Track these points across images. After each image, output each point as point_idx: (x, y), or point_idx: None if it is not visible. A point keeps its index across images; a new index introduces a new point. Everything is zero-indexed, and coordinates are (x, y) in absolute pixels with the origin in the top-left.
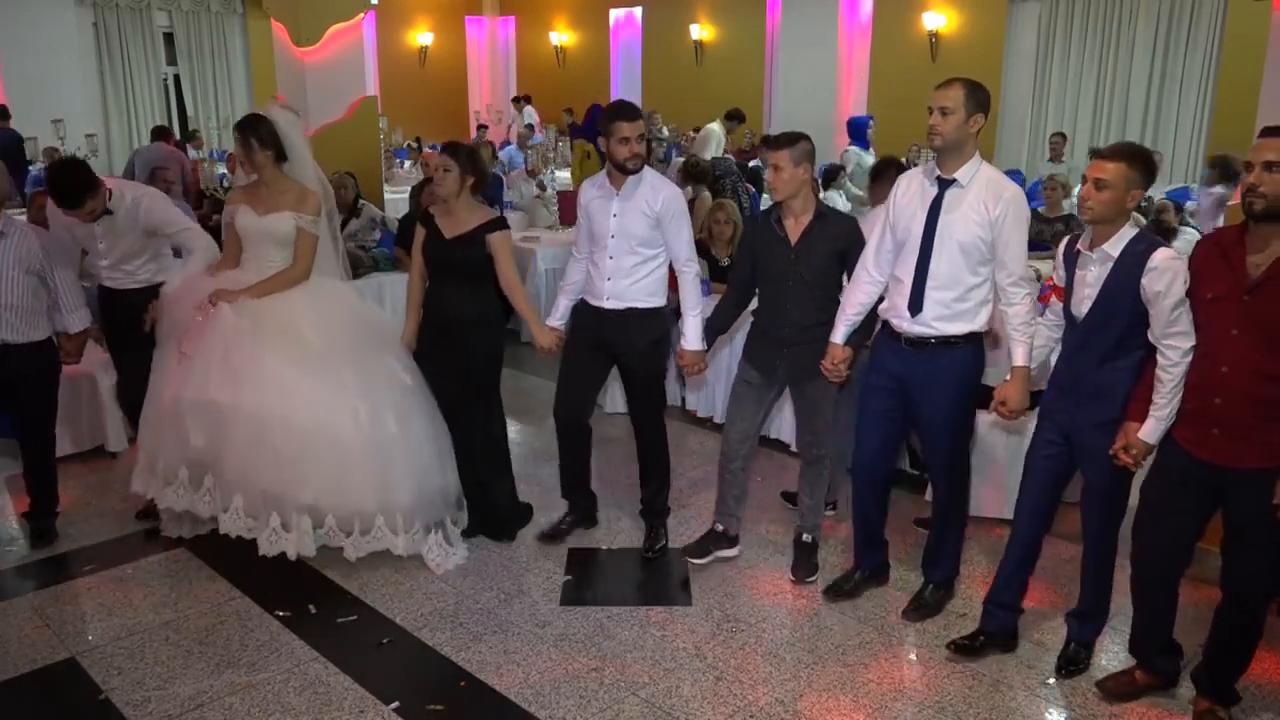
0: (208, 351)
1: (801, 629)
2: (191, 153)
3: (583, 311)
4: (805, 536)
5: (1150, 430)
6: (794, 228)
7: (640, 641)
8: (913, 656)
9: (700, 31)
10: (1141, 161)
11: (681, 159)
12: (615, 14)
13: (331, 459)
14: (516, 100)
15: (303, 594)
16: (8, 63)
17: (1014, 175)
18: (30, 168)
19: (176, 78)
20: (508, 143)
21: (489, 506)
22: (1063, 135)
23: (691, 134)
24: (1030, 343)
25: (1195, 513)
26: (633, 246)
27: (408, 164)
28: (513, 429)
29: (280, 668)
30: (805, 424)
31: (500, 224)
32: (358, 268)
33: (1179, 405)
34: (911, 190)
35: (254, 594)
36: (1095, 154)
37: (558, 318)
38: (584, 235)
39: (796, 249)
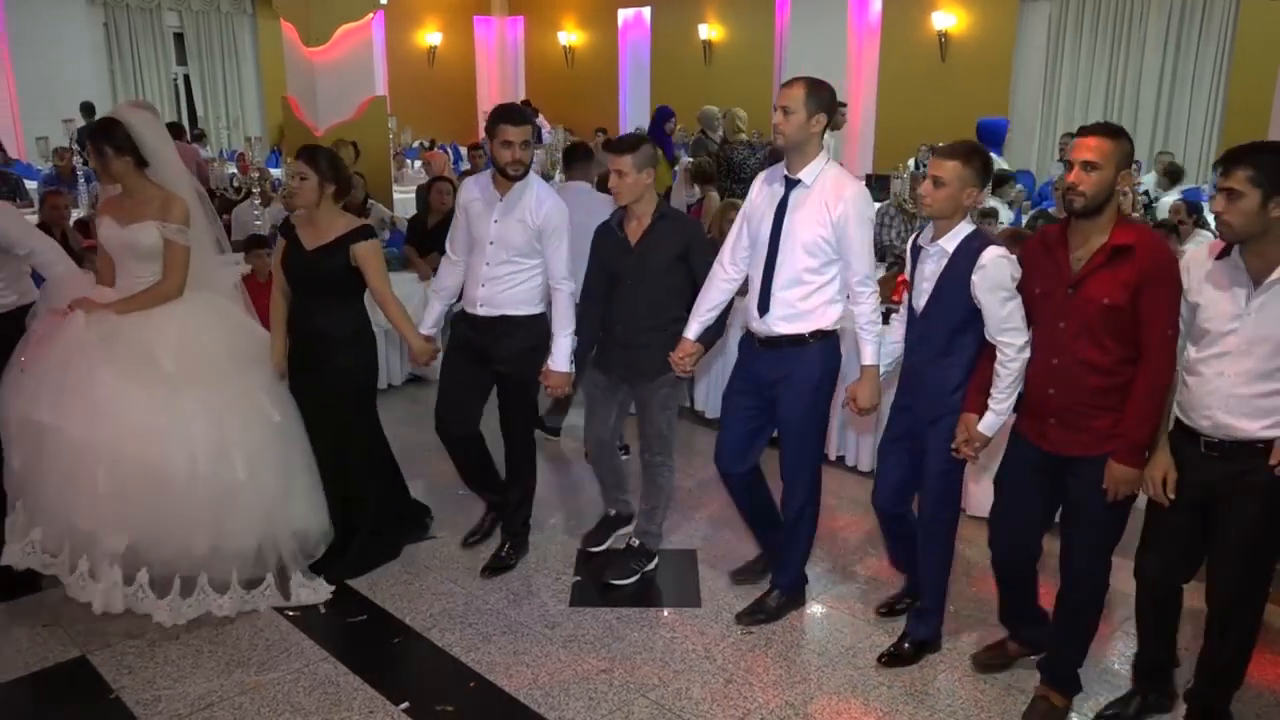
0: (45, 365)
1: (812, 631)
2: (203, 152)
3: (457, 319)
4: (634, 540)
5: (989, 423)
6: (635, 230)
7: (650, 643)
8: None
9: (709, 31)
10: (978, 159)
11: (690, 160)
12: (624, 14)
13: (155, 501)
14: (525, 103)
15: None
16: (19, 62)
17: (1024, 176)
18: (39, 169)
19: (186, 78)
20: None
21: (368, 523)
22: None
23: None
24: (878, 341)
25: (1042, 500)
26: (510, 256)
27: (416, 164)
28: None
29: (290, 667)
30: (642, 430)
31: (366, 233)
32: None
33: (1019, 399)
34: (764, 191)
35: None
36: (934, 151)
37: (430, 325)
38: (461, 237)
39: (636, 250)
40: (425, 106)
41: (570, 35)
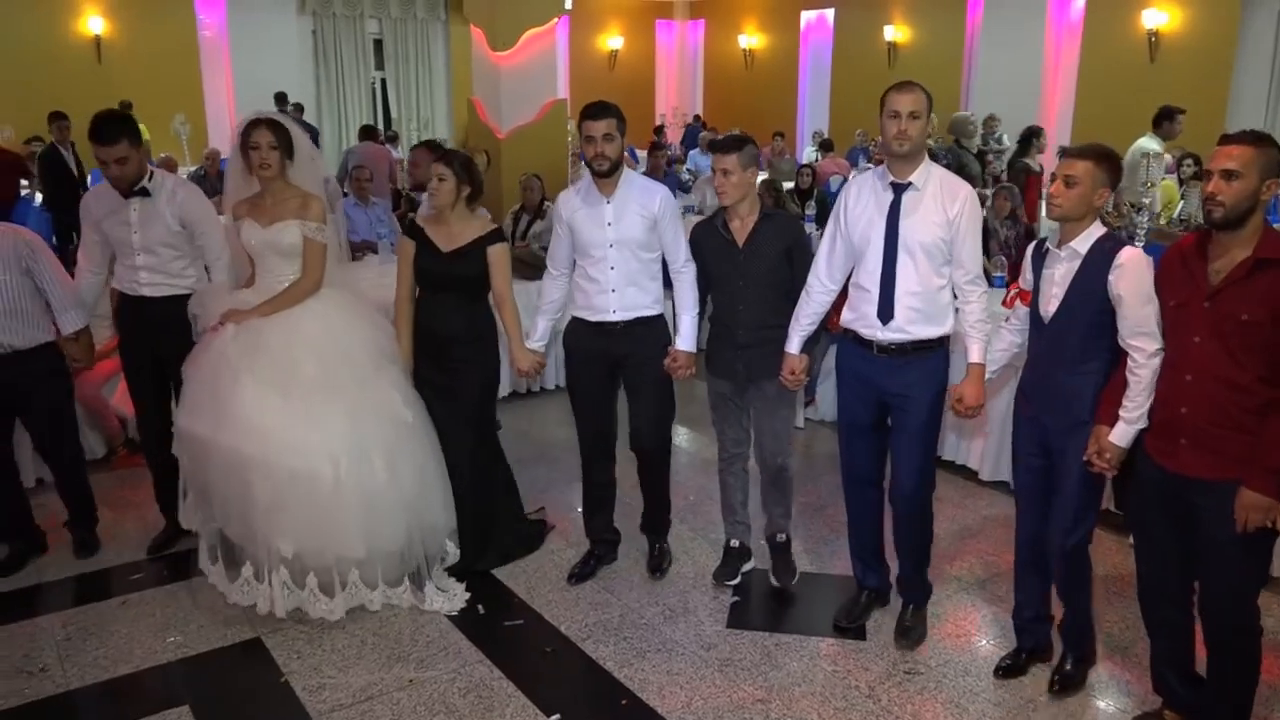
0: (200, 378)
1: (987, 677)
2: (393, 152)
3: (581, 331)
4: (779, 536)
5: (1121, 434)
6: (740, 229)
7: (809, 674)
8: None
9: (894, 33)
10: (1110, 160)
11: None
12: (806, 16)
13: (308, 508)
14: (696, 118)
15: (472, 592)
16: (238, 67)
17: None
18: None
19: (383, 81)
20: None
21: (488, 531)
22: None
23: None
24: (985, 340)
25: (1174, 527)
26: (635, 251)
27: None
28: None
29: (447, 667)
30: (765, 428)
31: (499, 236)
32: (540, 269)
33: (1150, 412)
34: (864, 198)
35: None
36: (1064, 152)
37: (538, 339)
38: (563, 251)
39: (745, 250)
40: None
41: (750, 38)
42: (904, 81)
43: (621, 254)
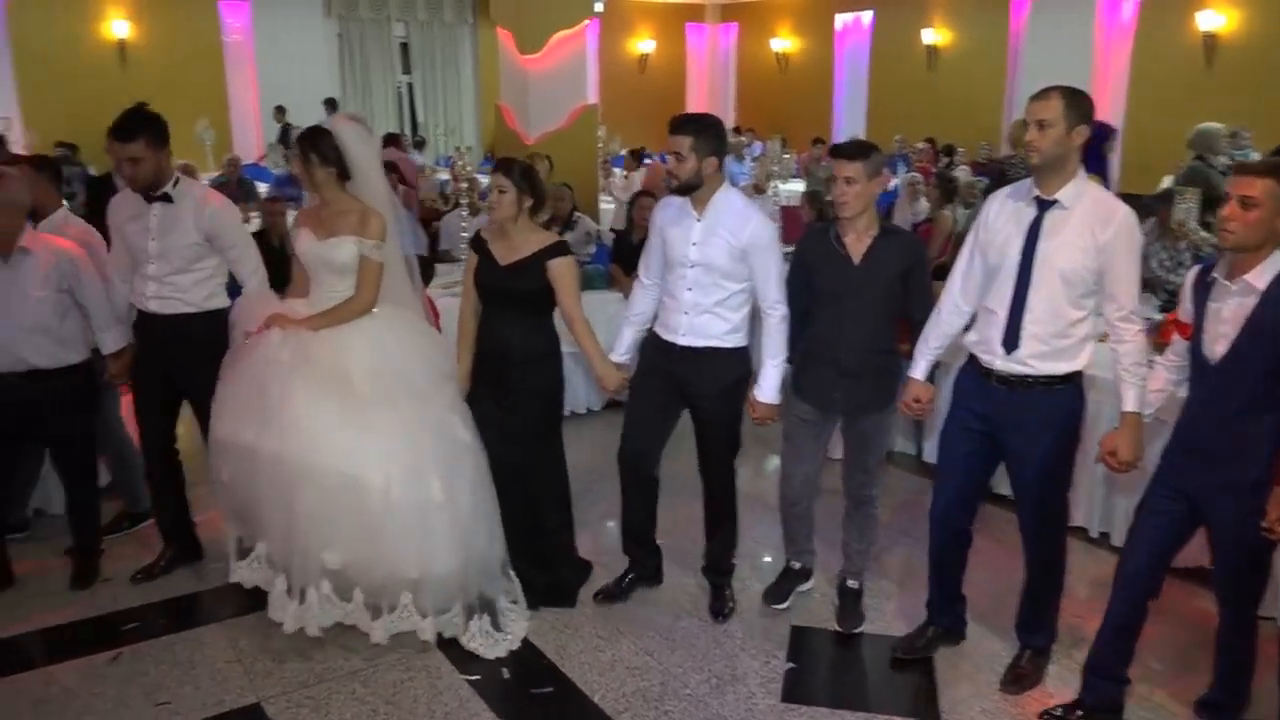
0: (245, 385)
1: None
2: (418, 158)
3: (653, 346)
4: (850, 582)
5: None
6: (855, 244)
7: None
8: None
9: (934, 36)
10: None
11: (912, 174)
12: (842, 18)
13: (357, 521)
14: (736, 130)
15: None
16: (263, 71)
17: None
18: (272, 172)
19: (410, 86)
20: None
21: (544, 566)
22: None
23: None
24: (1142, 385)
25: None
26: (716, 279)
27: (619, 172)
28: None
29: None
30: (857, 461)
31: (561, 249)
32: None
33: None
34: (1005, 212)
35: (445, 647)
36: (1240, 169)
37: (623, 352)
38: (655, 260)
39: (861, 268)
40: (635, 114)
41: (784, 42)
42: (1045, 88)
43: (700, 277)
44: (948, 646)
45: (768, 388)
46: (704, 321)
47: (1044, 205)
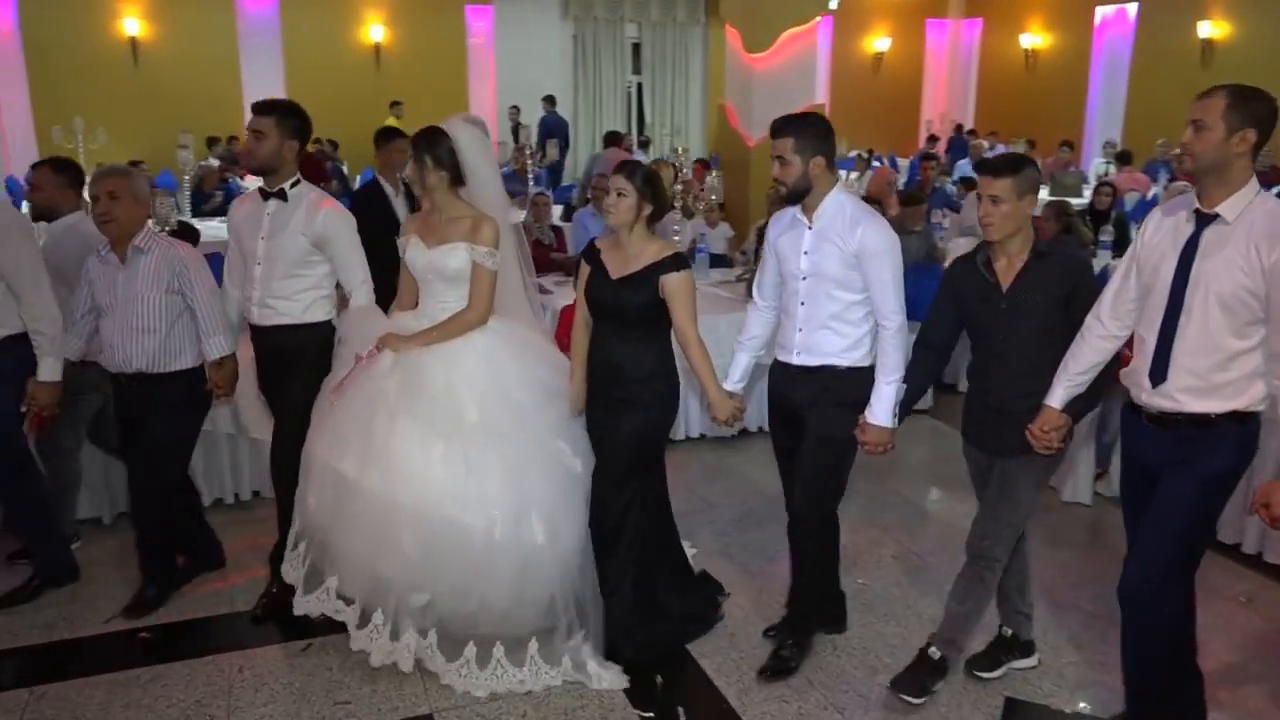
0: (350, 413)
1: None
2: (642, 157)
3: (774, 374)
4: (933, 650)
5: None
6: (1006, 270)
7: None
8: None
9: (1210, 29)
10: None
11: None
12: (1102, 11)
13: (454, 562)
14: (973, 133)
15: (672, 693)
16: (502, 71)
17: None
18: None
19: (639, 86)
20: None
21: (639, 611)
22: None
23: None
24: None
25: None
26: (829, 290)
27: (851, 175)
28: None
29: None
30: (987, 506)
31: (678, 263)
32: None
33: None
34: (1164, 227)
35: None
36: None
37: (737, 379)
38: (770, 278)
39: (1009, 297)
40: (866, 115)
41: (1034, 37)
42: (1212, 86)
43: (813, 289)
44: None
45: (879, 409)
46: (819, 338)
47: (1203, 220)
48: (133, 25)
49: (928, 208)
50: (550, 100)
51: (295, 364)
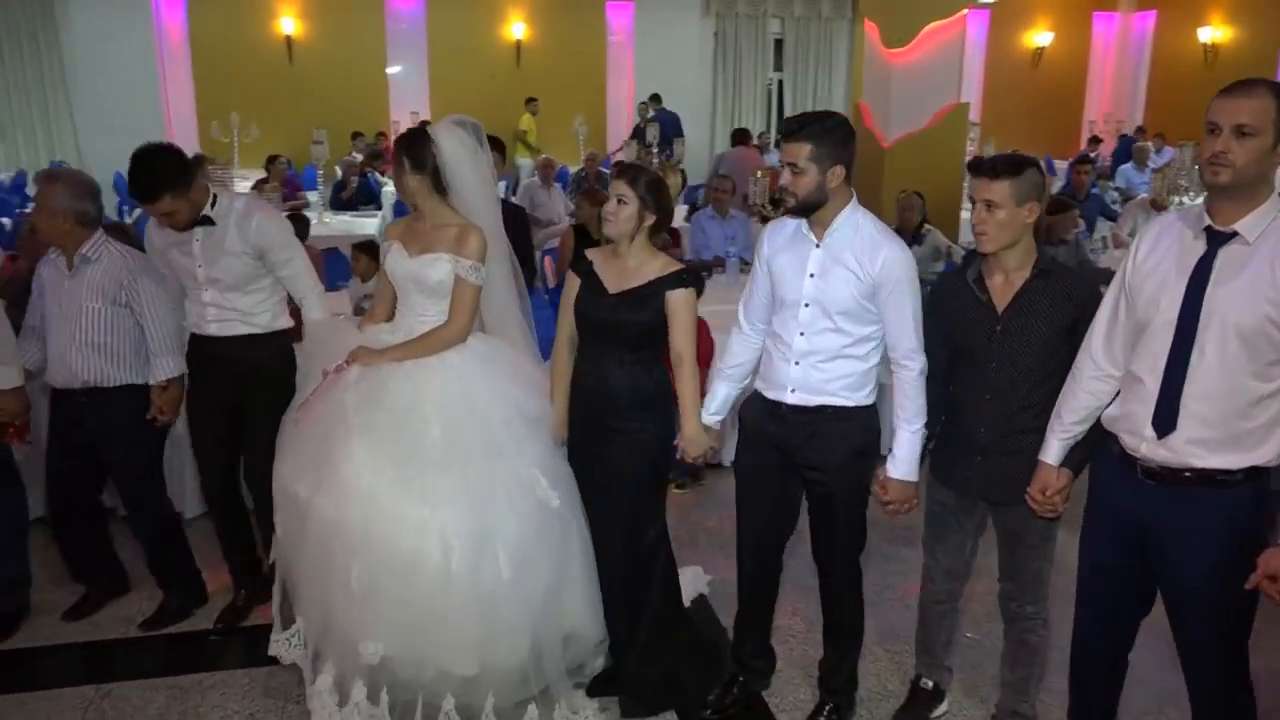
0: (311, 427)
1: None
2: (771, 157)
3: (756, 406)
4: None
5: None
6: (1002, 289)
7: None
8: None
9: None
10: None
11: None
12: None
13: (405, 602)
14: (1140, 131)
15: None
16: (640, 69)
17: None
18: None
19: (780, 83)
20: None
21: (649, 646)
22: None
23: None
24: None
25: None
26: (835, 320)
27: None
28: None
29: None
30: (1004, 566)
31: (685, 279)
32: None
33: None
34: (1162, 247)
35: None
36: None
37: (714, 411)
38: (759, 300)
39: (1004, 319)
40: (1021, 115)
41: (1216, 31)
42: (1242, 81)
43: (816, 318)
44: None
45: (903, 462)
46: (818, 375)
47: (1217, 239)
48: (289, 24)
49: (1082, 216)
50: (656, 99)
51: (258, 377)
